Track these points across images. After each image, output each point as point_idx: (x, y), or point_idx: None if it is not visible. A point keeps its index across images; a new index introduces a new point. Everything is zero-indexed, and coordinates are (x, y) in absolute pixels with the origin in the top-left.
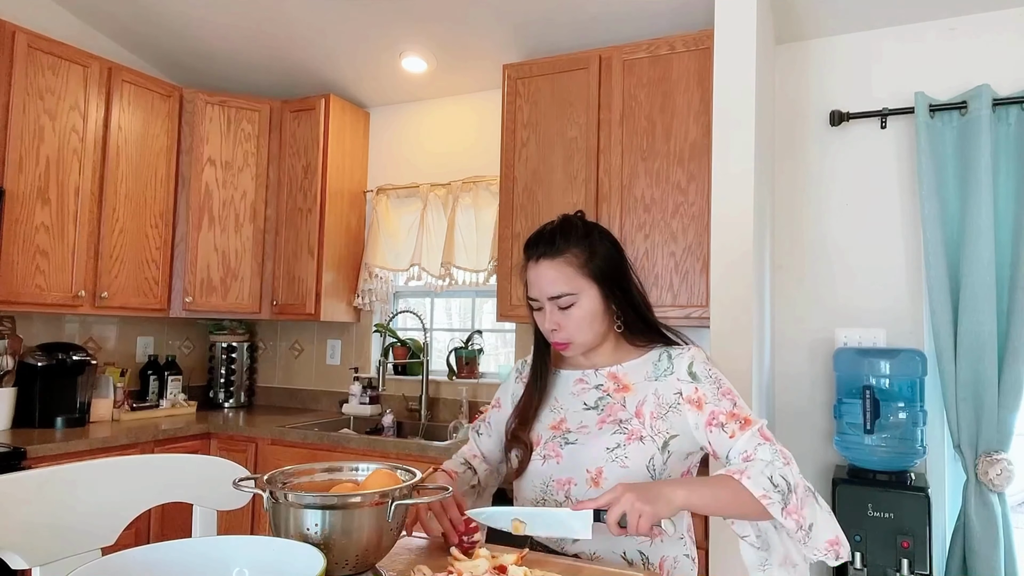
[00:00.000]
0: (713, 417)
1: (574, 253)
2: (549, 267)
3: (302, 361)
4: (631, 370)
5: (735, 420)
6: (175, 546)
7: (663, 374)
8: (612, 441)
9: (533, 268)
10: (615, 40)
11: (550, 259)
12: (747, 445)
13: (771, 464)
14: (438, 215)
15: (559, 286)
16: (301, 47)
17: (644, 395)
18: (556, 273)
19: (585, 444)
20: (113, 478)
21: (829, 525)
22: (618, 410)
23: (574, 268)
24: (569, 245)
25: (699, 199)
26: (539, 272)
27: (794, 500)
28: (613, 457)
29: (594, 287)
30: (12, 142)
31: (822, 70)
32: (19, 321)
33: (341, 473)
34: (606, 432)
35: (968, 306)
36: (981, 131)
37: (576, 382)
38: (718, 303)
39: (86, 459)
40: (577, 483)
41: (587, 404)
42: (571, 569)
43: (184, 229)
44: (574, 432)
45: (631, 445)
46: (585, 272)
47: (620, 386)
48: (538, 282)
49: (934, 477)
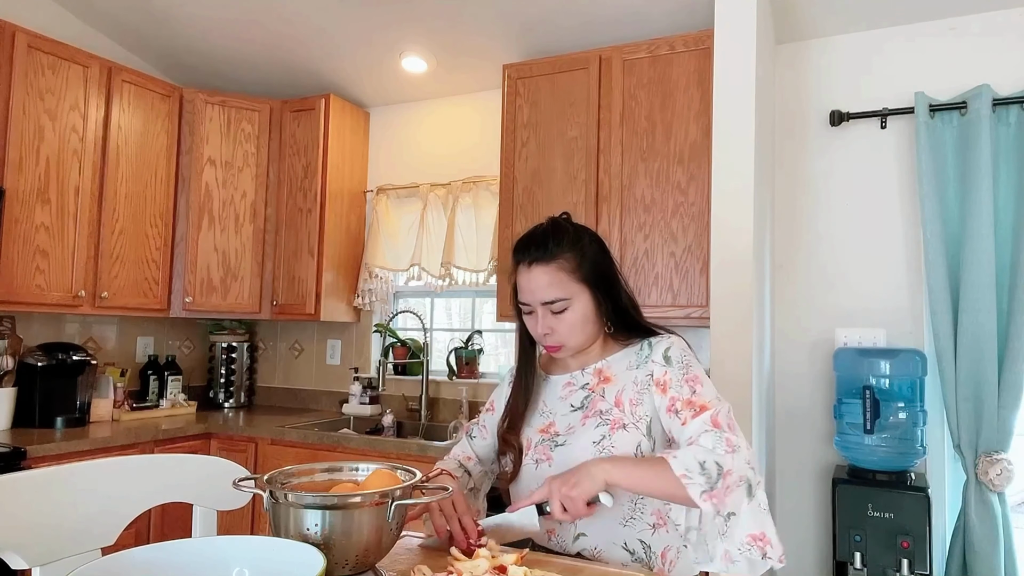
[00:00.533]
0: (672, 403)
1: (566, 258)
2: (543, 272)
3: (302, 361)
4: (614, 363)
5: (691, 407)
6: (175, 546)
7: (643, 360)
8: (596, 434)
9: (525, 273)
10: (615, 40)
11: (543, 264)
12: (694, 431)
13: (710, 451)
14: (438, 215)
15: (553, 291)
16: (301, 47)
17: (624, 384)
18: (549, 278)
19: (572, 443)
20: (113, 478)
21: (756, 520)
22: (599, 402)
23: (566, 273)
24: (562, 250)
25: (699, 199)
26: (532, 277)
27: (720, 486)
28: (600, 449)
29: (586, 291)
30: (12, 142)
31: (822, 70)
32: (19, 321)
33: (341, 473)
34: (589, 427)
35: (968, 306)
36: (981, 131)
37: (564, 386)
38: (718, 303)
39: (86, 459)
40: None
41: (573, 406)
42: (571, 569)
43: (184, 229)
44: (563, 434)
45: (615, 435)
46: (577, 277)
47: (602, 379)
48: (531, 287)
49: (934, 477)
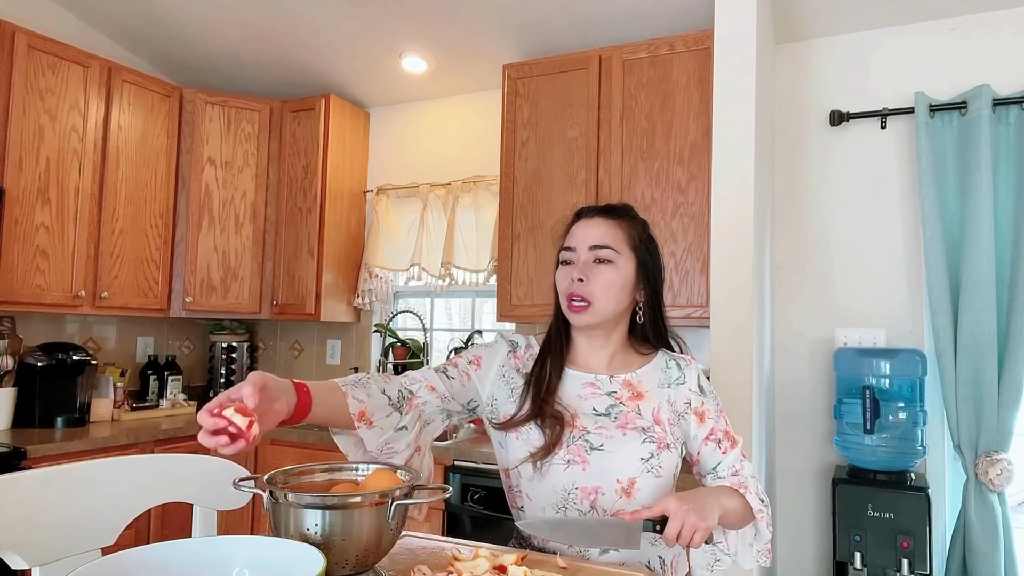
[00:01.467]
0: (712, 433)
1: (629, 225)
2: (603, 222)
3: (302, 361)
4: (644, 377)
5: (728, 438)
6: (175, 546)
7: (675, 382)
8: (645, 451)
9: (585, 222)
10: (615, 40)
11: (607, 218)
12: (734, 461)
13: (755, 479)
14: (438, 215)
15: (606, 238)
16: (301, 47)
17: (659, 402)
18: (607, 230)
19: (615, 452)
20: (113, 478)
21: (765, 536)
22: (635, 418)
23: (625, 233)
24: (627, 219)
25: (699, 199)
26: (591, 224)
27: (769, 512)
28: (648, 467)
29: (634, 261)
30: (12, 142)
31: (822, 70)
32: (19, 321)
33: (341, 473)
34: (633, 440)
35: (968, 306)
36: (981, 131)
37: (586, 385)
38: (718, 303)
39: (86, 459)
40: (606, 492)
41: (597, 410)
42: (570, 569)
43: (184, 229)
44: (597, 438)
45: (662, 454)
46: (632, 244)
47: (634, 394)
48: (585, 232)
49: (934, 477)
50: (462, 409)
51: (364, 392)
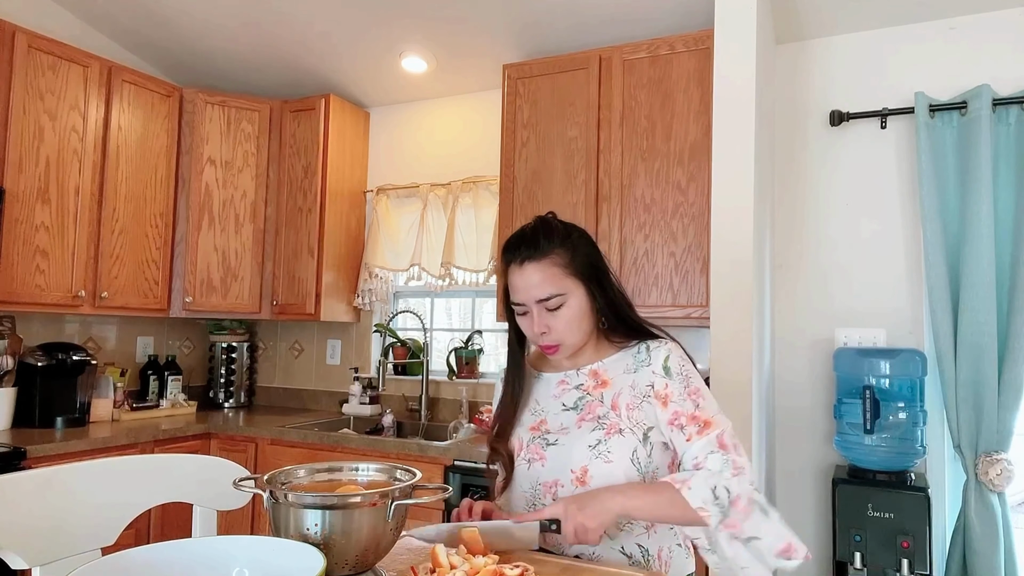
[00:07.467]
0: (676, 417)
1: (558, 254)
2: (535, 269)
3: (302, 361)
4: (611, 365)
5: (695, 423)
6: (175, 546)
7: (641, 364)
8: (592, 438)
9: (517, 271)
10: (615, 40)
11: (535, 261)
12: (700, 451)
13: (718, 475)
14: (438, 215)
15: (547, 287)
16: (301, 47)
17: (620, 388)
18: (543, 275)
19: (567, 445)
20: (113, 478)
21: (778, 534)
22: (596, 407)
23: (560, 268)
24: (553, 246)
25: (699, 199)
26: (525, 275)
27: (734, 513)
28: (596, 454)
29: (580, 286)
30: (12, 142)
31: (822, 70)
32: (19, 321)
33: (341, 473)
34: (585, 430)
35: (968, 306)
36: (981, 131)
37: (558, 384)
38: (718, 303)
39: (86, 459)
40: (564, 484)
41: (566, 405)
42: (570, 569)
43: (184, 229)
44: (554, 433)
45: (611, 439)
46: (570, 271)
47: (599, 382)
48: (524, 285)
49: (934, 477)
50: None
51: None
